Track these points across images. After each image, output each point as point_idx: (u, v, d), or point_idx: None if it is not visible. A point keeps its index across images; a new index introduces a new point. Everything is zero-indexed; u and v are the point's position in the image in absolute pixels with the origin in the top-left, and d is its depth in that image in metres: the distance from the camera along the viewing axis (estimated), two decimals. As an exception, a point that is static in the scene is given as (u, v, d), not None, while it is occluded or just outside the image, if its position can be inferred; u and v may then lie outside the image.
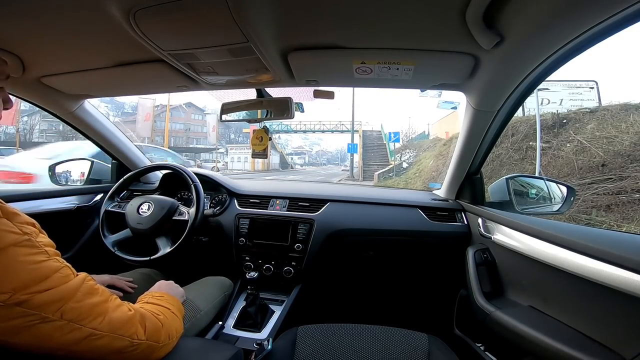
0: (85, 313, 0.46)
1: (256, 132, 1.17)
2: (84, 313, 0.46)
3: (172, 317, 0.63)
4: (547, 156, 5.84)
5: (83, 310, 0.46)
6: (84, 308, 0.46)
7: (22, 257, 0.42)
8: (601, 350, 0.61)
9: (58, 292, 0.43)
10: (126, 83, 0.99)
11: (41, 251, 0.45)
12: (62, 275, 0.45)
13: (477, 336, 1.07)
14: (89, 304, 0.47)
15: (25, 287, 0.40)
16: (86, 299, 0.47)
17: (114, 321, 0.49)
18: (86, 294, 0.47)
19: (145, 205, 1.13)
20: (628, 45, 25.53)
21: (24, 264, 0.42)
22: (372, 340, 0.77)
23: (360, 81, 0.87)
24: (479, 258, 1.01)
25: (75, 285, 0.46)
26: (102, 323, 0.47)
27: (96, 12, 0.59)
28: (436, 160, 10.10)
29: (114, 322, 0.49)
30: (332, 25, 0.64)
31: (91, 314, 0.46)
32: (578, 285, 0.66)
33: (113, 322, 0.49)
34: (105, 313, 0.48)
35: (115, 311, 0.50)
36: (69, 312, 0.44)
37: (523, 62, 0.67)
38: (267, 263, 1.24)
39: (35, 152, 3.92)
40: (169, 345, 0.58)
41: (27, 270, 0.42)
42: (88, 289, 0.48)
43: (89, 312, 0.46)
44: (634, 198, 4.19)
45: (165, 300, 0.68)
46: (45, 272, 0.43)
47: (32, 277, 0.42)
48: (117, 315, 0.50)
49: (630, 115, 5.58)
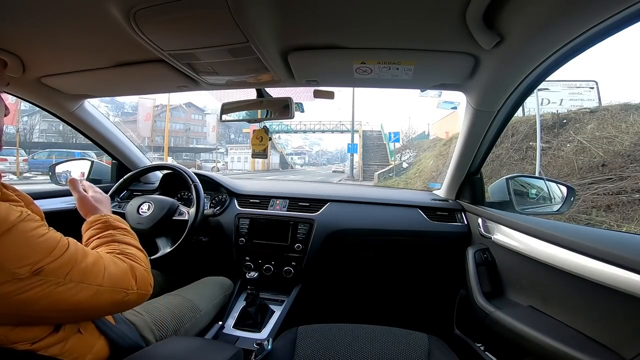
0: (88, 272, 0.49)
1: (256, 132, 1.17)
2: (87, 272, 0.49)
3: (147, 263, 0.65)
4: (547, 156, 5.84)
5: (87, 270, 0.49)
6: (86, 268, 0.49)
7: (30, 232, 0.44)
8: (601, 350, 0.61)
9: (64, 258, 0.47)
10: (126, 83, 0.99)
11: (41, 223, 0.48)
12: (64, 243, 0.48)
13: (477, 336, 1.07)
14: (89, 263, 0.50)
15: (42, 258, 0.44)
16: (84, 260, 0.50)
17: (113, 276, 0.53)
18: (83, 256, 0.50)
19: (145, 205, 1.13)
20: (628, 45, 25.51)
21: (34, 237, 0.44)
22: (372, 340, 0.77)
23: (360, 81, 0.87)
24: (479, 258, 1.01)
25: (74, 250, 0.49)
26: (104, 278, 0.51)
27: (96, 13, 0.59)
28: (436, 160, 10.09)
29: (112, 277, 0.52)
30: (332, 25, 0.64)
31: (93, 272, 0.50)
32: (578, 285, 0.66)
33: (112, 276, 0.52)
34: (104, 269, 0.52)
35: (112, 266, 0.54)
36: (76, 274, 0.47)
37: (523, 62, 0.67)
38: (267, 263, 1.24)
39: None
40: (149, 292, 0.61)
41: (37, 243, 0.44)
42: (82, 251, 0.51)
43: (91, 271, 0.50)
44: (634, 198, 4.19)
45: (131, 235, 0.70)
46: (51, 242, 0.46)
47: (43, 249, 0.45)
48: (114, 270, 0.54)
49: (630, 115, 5.58)
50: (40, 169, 10.64)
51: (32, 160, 12.10)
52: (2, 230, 0.41)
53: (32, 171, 11.00)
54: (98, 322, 0.59)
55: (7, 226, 0.42)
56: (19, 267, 0.41)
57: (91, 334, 0.57)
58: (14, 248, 0.42)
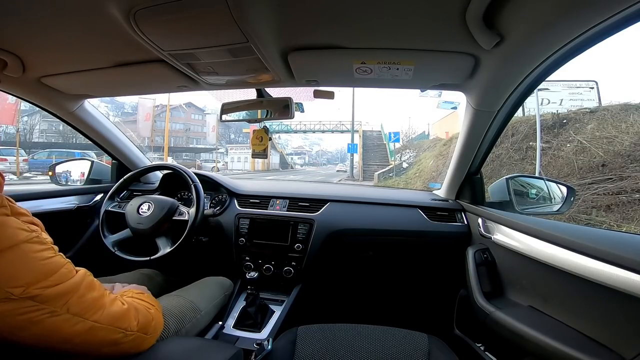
0: (87, 306, 0.48)
1: (256, 132, 1.17)
2: (87, 306, 0.48)
3: (158, 313, 0.66)
4: (547, 156, 5.84)
5: (86, 304, 0.48)
6: (86, 302, 0.48)
7: (33, 254, 0.44)
8: (601, 350, 0.61)
9: (65, 286, 0.46)
10: (126, 83, 0.99)
11: (49, 247, 0.47)
12: (68, 270, 0.48)
13: (477, 336, 1.07)
14: (90, 298, 0.49)
15: (37, 281, 0.43)
16: (88, 293, 0.49)
17: (112, 314, 0.52)
18: (87, 289, 0.50)
19: (145, 205, 1.13)
20: (628, 45, 25.49)
21: (36, 259, 0.44)
22: (372, 340, 0.76)
23: (360, 81, 0.87)
24: (479, 258, 1.01)
25: (79, 280, 0.49)
26: (102, 316, 0.50)
27: (96, 13, 0.59)
28: (436, 160, 10.09)
29: (112, 315, 0.52)
30: (332, 25, 0.64)
31: (93, 307, 0.49)
32: (578, 285, 0.66)
33: (111, 315, 0.52)
34: (104, 306, 0.51)
35: (112, 305, 0.53)
36: (74, 305, 0.46)
37: (523, 62, 0.67)
38: (267, 263, 1.24)
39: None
40: (154, 338, 0.61)
41: (38, 265, 0.44)
42: (89, 283, 0.51)
43: (90, 305, 0.49)
44: (634, 198, 4.19)
45: (147, 297, 0.71)
46: (53, 267, 0.46)
47: (42, 272, 0.44)
48: (114, 308, 0.53)
49: (630, 115, 5.58)
50: (40, 169, 10.64)
51: (32, 160, 12.09)
52: (4, 247, 0.41)
53: (32, 171, 10.99)
54: None
55: (10, 243, 0.42)
56: (12, 287, 0.41)
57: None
58: (11, 267, 0.41)
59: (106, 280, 0.92)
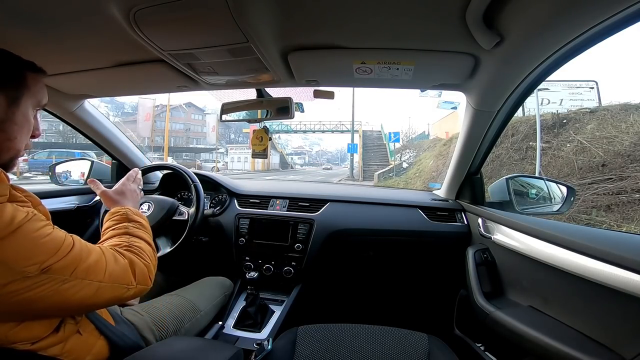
0: (91, 270, 0.50)
1: (256, 132, 1.17)
2: (90, 270, 0.50)
3: (153, 255, 0.66)
4: (547, 156, 5.83)
5: (90, 268, 0.50)
6: (90, 266, 0.51)
7: (35, 232, 0.45)
8: (601, 350, 0.61)
9: (70, 257, 0.48)
10: (126, 83, 0.99)
11: (47, 223, 0.49)
12: (69, 242, 0.50)
13: (477, 336, 1.07)
14: (92, 261, 0.51)
15: (49, 256, 0.45)
16: (88, 258, 0.51)
17: (114, 273, 0.54)
18: (87, 254, 0.51)
19: (145, 205, 1.13)
20: (628, 45, 25.49)
21: (39, 237, 0.46)
22: (372, 340, 0.77)
23: (360, 81, 0.87)
24: (479, 258, 1.01)
25: (78, 249, 0.51)
26: (105, 275, 0.52)
27: (96, 13, 0.59)
28: (436, 160, 10.09)
29: (114, 274, 0.54)
30: (332, 25, 0.64)
31: (95, 270, 0.51)
32: (578, 285, 0.66)
33: (113, 273, 0.54)
34: (105, 266, 0.53)
35: (112, 263, 0.55)
36: (81, 271, 0.49)
37: (523, 62, 0.67)
38: (267, 263, 1.24)
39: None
40: (149, 286, 0.62)
41: (43, 242, 0.46)
42: (86, 249, 0.52)
43: (93, 268, 0.51)
44: (634, 198, 4.19)
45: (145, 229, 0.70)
46: (57, 241, 0.48)
47: (49, 248, 0.46)
48: (115, 267, 0.55)
49: (630, 115, 5.58)
50: (40, 169, 10.63)
51: (32, 160, 12.07)
52: (9, 231, 0.42)
53: (32, 171, 10.99)
54: (97, 323, 0.59)
55: (13, 227, 0.43)
56: (27, 266, 0.43)
57: (91, 334, 0.57)
58: (22, 248, 0.43)
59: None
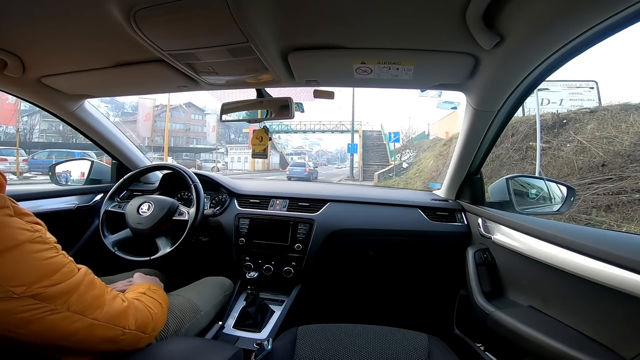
0: (88, 304, 0.49)
1: (256, 132, 1.17)
2: (87, 304, 0.49)
3: (161, 312, 0.67)
4: (547, 156, 5.84)
5: (86, 302, 0.49)
6: (87, 300, 0.49)
7: (35, 253, 0.45)
8: (601, 350, 0.61)
9: (66, 285, 0.46)
10: (126, 83, 0.99)
11: (51, 247, 0.48)
12: (69, 269, 0.48)
13: (477, 336, 1.07)
14: (91, 296, 0.50)
15: (39, 280, 0.43)
16: (88, 291, 0.50)
17: (111, 312, 0.53)
18: (88, 287, 0.50)
19: (145, 205, 1.13)
20: (628, 45, 25.48)
21: (38, 259, 0.45)
22: (372, 340, 0.77)
23: (360, 81, 0.87)
24: (479, 258, 1.01)
25: (79, 279, 0.49)
26: (101, 314, 0.51)
27: (96, 13, 0.59)
28: (436, 160, 10.09)
29: (111, 313, 0.52)
30: (332, 25, 0.64)
31: (92, 306, 0.50)
32: (578, 285, 0.66)
33: (110, 313, 0.52)
34: (104, 305, 0.52)
35: (112, 303, 0.54)
36: (74, 303, 0.47)
37: (523, 62, 0.67)
38: (267, 263, 1.24)
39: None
40: (152, 337, 0.62)
41: (40, 265, 0.45)
42: (89, 282, 0.51)
43: (91, 303, 0.50)
44: (634, 198, 4.19)
45: (160, 295, 0.73)
46: (55, 266, 0.46)
47: (44, 271, 0.45)
48: (113, 306, 0.54)
49: (630, 115, 5.58)
50: (40, 169, 10.64)
51: (32, 160, 12.09)
52: (6, 247, 0.42)
53: (32, 171, 10.99)
54: None
55: (12, 244, 0.42)
56: (13, 286, 0.41)
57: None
58: (13, 266, 0.42)
59: (106, 280, 0.92)
